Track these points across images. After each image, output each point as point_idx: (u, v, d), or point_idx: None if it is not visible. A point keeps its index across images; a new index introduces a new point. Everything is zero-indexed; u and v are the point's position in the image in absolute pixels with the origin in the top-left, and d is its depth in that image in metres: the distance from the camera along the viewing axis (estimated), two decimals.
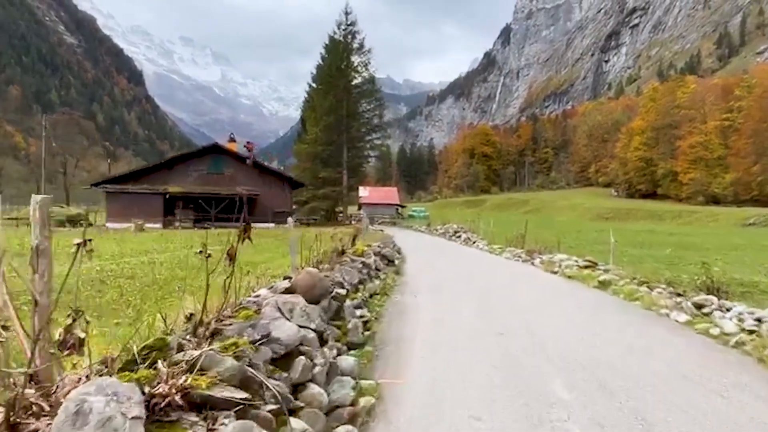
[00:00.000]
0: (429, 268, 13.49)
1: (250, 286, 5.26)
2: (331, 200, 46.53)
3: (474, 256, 18.27)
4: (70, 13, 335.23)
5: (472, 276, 11.97)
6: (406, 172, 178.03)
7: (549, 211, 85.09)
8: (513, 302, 8.40)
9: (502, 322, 6.74)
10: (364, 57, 47.57)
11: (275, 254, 12.87)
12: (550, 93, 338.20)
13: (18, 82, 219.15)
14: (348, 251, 9.39)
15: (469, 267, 13.97)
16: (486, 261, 16.23)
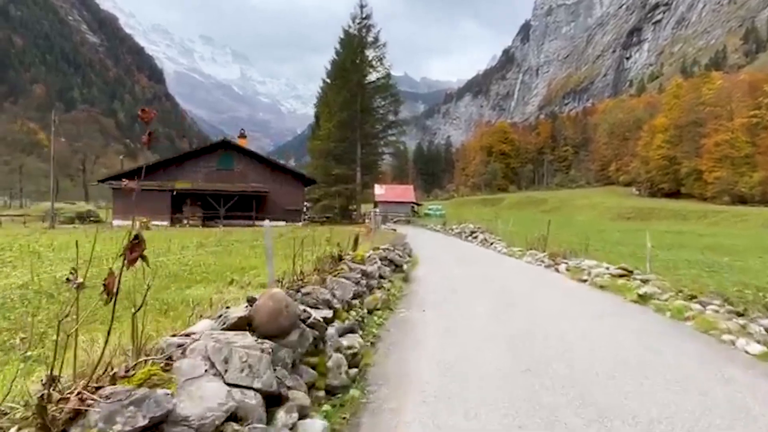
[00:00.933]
0: (442, 275, 12.19)
1: (195, 315, 4.06)
2: (345, 198, 45.41)
3: (492, 259, 16.90)
4: (92, 13, 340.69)
5: (491, 285, 10.62)
6: (422, 170, 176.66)
7: (568, 210, 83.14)
8: (541, 322, 7.06)
9: (529, 353, 5.43)
10: (379, 51, 46.37)
11: (275, 257, 11.72)
12: (570, 90, 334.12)
13: (42, 81, 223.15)
14: (346, 258, 8.14)
15: (486, 273, 12.62)
16: (505, 266, 14.83)
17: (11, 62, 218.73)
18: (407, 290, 9.65)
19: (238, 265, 10.33)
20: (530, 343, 5.81)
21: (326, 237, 8.27)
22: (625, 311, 7.90)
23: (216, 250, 13.90)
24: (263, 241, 14.70)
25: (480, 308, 7.91)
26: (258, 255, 12.40)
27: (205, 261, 10.97)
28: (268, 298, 3.68)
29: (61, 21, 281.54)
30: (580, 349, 5.58)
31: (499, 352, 5.46)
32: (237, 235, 21.60)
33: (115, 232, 23.09)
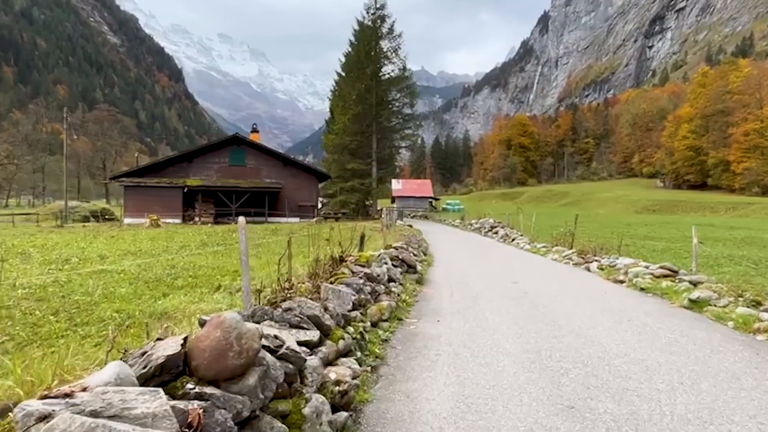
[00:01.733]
0: (460, 276, 11.05)
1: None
2: (360, 193, 44.32)
3: (514, 257, 15.66)
4: (113, 14, 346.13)
5: (514, 288, 9.45)
6: (440, 164, 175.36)
7: (590, 204, 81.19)
8: (580, 339, 5.91)
9: (570, 386, 4.29)
10: (394, 42, 45.02)
11: (274, 258, 10.74)
12: (590, 81, 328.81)
13: (65, 82, 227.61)
14: (349, 260, 7.08)
15: (509, 274, 11.43)
16: (530, 264, 13.59)
17: (35, 64, 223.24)
18: (420, 295, 8.55)
19: (234, 266, 9.38)
20: (569, 370, 4.66)
21: (326, 236, 7.21)
22: (678, 322, 6.66)
23: (217, 249, 12.97)
24: (270, 239, 13.69)
25: (504, 319, 6.76)
26: (260, 254, 11.47)
27: (200, 262, 10.03)
28: (213, 327, 2.63)
29: (83, 23, 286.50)
30: (616, 360, 4.45)
31: (529, 380, 4.34)
32: (253, 231, 20.75)
33: (119, 230, 22.46)
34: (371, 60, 43.94)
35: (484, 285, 9.70)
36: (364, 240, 9.29)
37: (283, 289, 4.69)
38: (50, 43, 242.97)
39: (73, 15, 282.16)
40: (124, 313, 5.30)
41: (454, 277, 10.72)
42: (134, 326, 4.76)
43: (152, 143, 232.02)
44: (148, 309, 5.53)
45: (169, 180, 31.53)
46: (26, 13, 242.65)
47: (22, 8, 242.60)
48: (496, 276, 10.99)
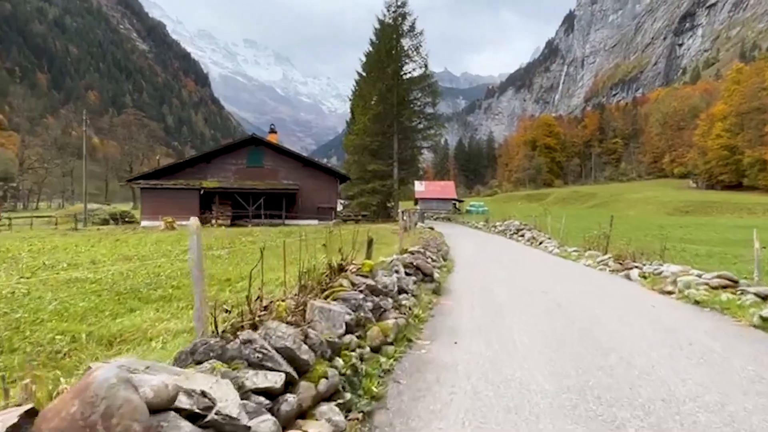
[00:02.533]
0: (482, 284, 9.90)
1: None
2: (381, 195, 43.29)
3: (543, 262, 14.39)
4: (142, 21, 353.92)
5: (546, 300, 8.27)
6: (464, 166, 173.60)
7: (619, 205, 78.57)
8: (629, 363, 4.75)
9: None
10: (416, 40, 43.91)
11: (279, 263, 9.75)
12: (618, 81, 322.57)
13: (96, 87, 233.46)
14: (350, 269, 6.04)
15: (539, 282, 10.23)
16: (561, 271, 12.30)
17: (67, 70, 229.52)
18: (437, 308, 7.44)
19: (228, 274, 8.47)
20: (626, 422, 3.51)
21: (323, 241, 6.18)
22: (761, 351, 5.39)
23: (220, 254, 12.10)
24: (279, 241, 12.69)
25: (534, 340, 5.62)
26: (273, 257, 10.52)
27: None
28: (72, 395, 1.62)
29: (113, 30, 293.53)
30: (683, 403, 3.30)
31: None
32: (258, 235, 19.92)
33: (133, 233, 21.94)
34: (392, 59, 42.93)
35: (510, 295, 8.54)
36: (372, 245, 8.23)
37: (251, 311, 3.67)
38: (82, 50, 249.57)
39: (104, 22, 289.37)
40: (68, 336, 4.37)
41: (476, 286, 9.58)
42: (73, 353, 3.80)
43: (179, 147, 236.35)
44: (100, 330, 4.59)
45: (185, 182, 31.08)
46: (59, 21, 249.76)
47: (56, 17, 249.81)
48: (524, 284, 9.80)
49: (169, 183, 30.63)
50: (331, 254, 6.28)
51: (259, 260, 4.02)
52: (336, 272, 5.79)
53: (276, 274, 6.62)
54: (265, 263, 9.41)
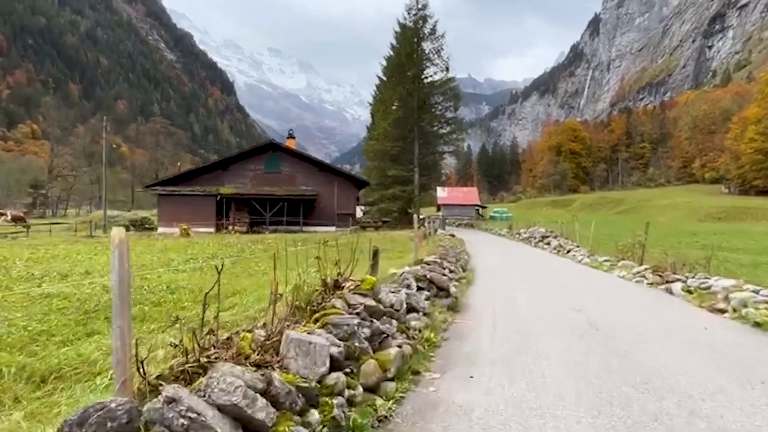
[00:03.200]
0: (506, 298, 8.91)
1: None
2: (402, 201, 42.35)
3: (572, 273, 13.21)
4: (170, 32, 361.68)
5: (579, 318, 7.24)
6: (487, 172, 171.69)
7: (648, 211, 75.87)
8: (692, 412, 3.74)
9: None
10: (437, 43, 43.01)
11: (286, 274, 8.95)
12: (645, 84, 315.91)
13: (125, 97, 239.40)
14: (347, 285, 5.14)
15: (569, 295, 9.17)
16: (593, 283, 11.13)
17: (98, 81, 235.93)
18: (452, 330, 6.49)
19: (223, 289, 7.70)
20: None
21: (317, 253, 5.30)
22: None
23: (223, 263, 11.33)
24: (293, 248, 11.92)
25: (569, 374, 4.62)
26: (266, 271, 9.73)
27: (183, 281, 8.36)
28: None
29: (142, 41, 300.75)
30: None
31: None
32: (270, 242, 19.22)
33: (147, 239, 21.51)
34: (413, 62, 42.13)
35: (538, 313, 7.53)
36: (378, 257, 7.30)
37: (200, 347, 2.81)
38: (112, 60, 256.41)
39: (134, 34, 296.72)
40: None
41: (498, 301, 8.57)
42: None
43: (205, 154, 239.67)
44: (39, 363, 3.80)
45: (202, 188, 30.74)
46: (91, 34, 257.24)
47: (88, 29, 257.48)
48: (553, 299, 8.76)
49: (186, 189, 30.36)
50: (328, 268, 5.42)
51: (216, 282, 3.17)
52: (331, 290, 4.92)
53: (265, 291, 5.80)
54: (263, 277, 8.59)
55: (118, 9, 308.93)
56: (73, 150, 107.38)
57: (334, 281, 5.04)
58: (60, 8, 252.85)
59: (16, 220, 41.89)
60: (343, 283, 5.07)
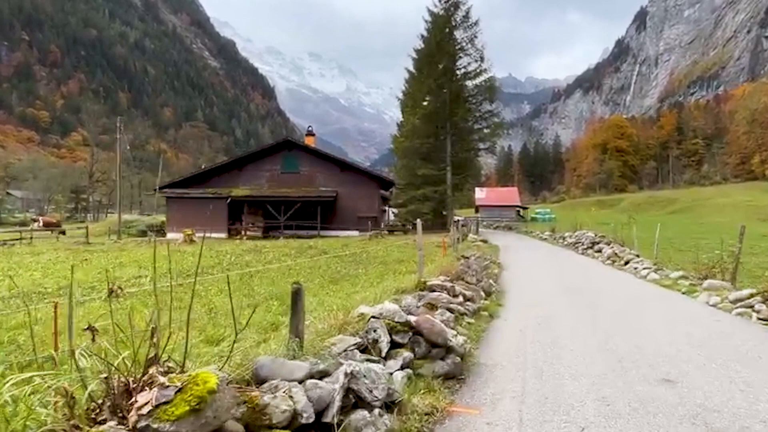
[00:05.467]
0: (544, 352, 5.77)
1: None
2: (433, 202, 39.09)
3: (640, 298, 9.51)
4: (213, 40, 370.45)
5: (673, 401, 4.10)
6: (529, 171, 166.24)
7: (703, 211, 69.91)
8: None
9: None
10: (470, 32, 39.49)
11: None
12: (696, 78, 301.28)
13: (171, 104, 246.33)
14: (144, 400, 2.27)
15: (645, 346, 5.89)
16: (678, 321, 7.48)
17: (145, 89, 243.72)
18: (470, 379, 3.58)
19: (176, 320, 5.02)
20: None
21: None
22: None
23: (205, 278, 8.71)
24: (300, 260, 9.24)
25: None
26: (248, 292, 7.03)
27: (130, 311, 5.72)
28: None
29: (187, 50, 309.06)
30: None
31: None
32: (269, 251, 16.58)
33: (147, 246, 19.34)
34: (444, 52, 38.85)
35: (601, 390, 4.41)
36: (301, 304, 4.24)
37: None
38: (158, 69, 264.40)
39: (179, 43, 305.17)
40: None
41: (532, 358, 5.46)
42: None
43: None
44: None
45: (213, 190, 28.58)
46: (139, 44, 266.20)
47: (136, 40, 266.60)
48: (620, 351, 5.56)
49: (195, 192, 28.30)
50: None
51: None
52: (115, 406, 2.06)
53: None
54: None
55: (164, 19, 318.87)
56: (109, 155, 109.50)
57: (123, 385, 2.15)
58: (110, 20, 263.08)
59: (48, 225, 41.10)
60: (143, 388, 2.17)
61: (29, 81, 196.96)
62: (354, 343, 4.20)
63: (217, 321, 6.05)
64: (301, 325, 3.57)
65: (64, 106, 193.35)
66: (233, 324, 2.86)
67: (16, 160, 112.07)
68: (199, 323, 5.87)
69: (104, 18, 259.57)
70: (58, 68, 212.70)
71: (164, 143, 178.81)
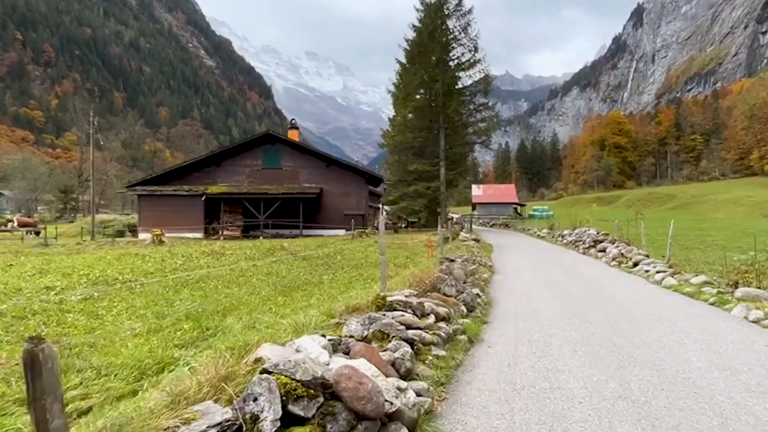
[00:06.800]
0: (546, 383, 4.04)
1: None
2: (425, 198, 37.23)
3: (661, 310, 7.86)
4: (209, 39, 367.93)
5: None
6: (526, 169, 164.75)
7: (702, 207, 68.36)
8: None
9: None
10: (463, 20, 37.59)
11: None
12: (693, 74, 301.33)
13: (167, 104, 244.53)
14: None
15: (685, 392, 4.20)
16: (718, 349, 5.59)
17: (141, 89, 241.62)
18: None
19: None
20: None
21: None
22: None
23: (141, 284, 6.94)
24: (262, 263, 7.84)
25: None
26: (165, 308, 5.22)
27: None
28: None
29: (182, 48, 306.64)
30: None
31: None
32: (230, 254, 14.77)
33: (110, 248, 17.54)
34: (437, 42, 36.97)
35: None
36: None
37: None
38: (154, 68, 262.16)
39: (174, 42, 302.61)
40: None
41: (521, 410, 3.71)
42: None
43: None
44: None
45: (188, 187, 26.70)
46: (134, 43, 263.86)
47: (131, 39, 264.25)
48: (661, 416, 3.79)
49: (168, 189, 26.42)
50: None
51: None
52: None
53: None
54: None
55: (160, 18, 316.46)
56: (106, 155, 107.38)
57: None
58: (105, 19, 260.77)
59: (24, 225, 39.58)
60: None
61: (23, 80, 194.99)
62: (216, 423, 2.44)
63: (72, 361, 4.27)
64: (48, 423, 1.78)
65: (59, 105, 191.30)
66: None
67: (10, 160, 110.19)
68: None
69: (99, 17, 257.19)
70: (52, 67, 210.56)
71: (159, 142, 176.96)
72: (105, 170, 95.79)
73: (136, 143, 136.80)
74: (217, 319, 5.87)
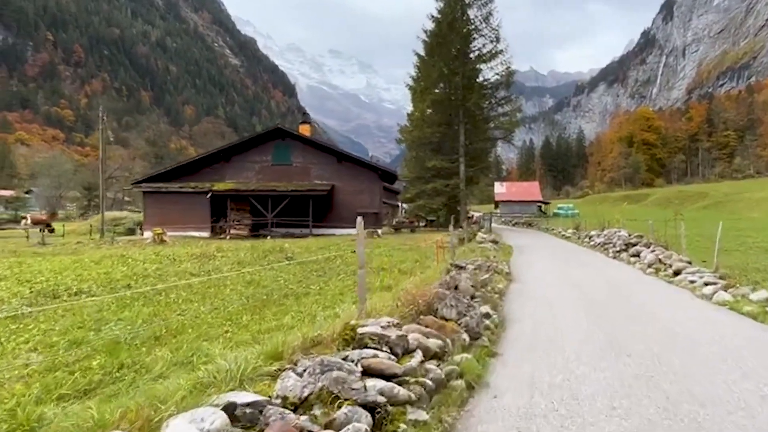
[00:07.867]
0: None
1: None
2: (444, 196, 35.62)
3: (717, 342, 6.10)
4: (234, 38, 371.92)
5: None
6: (552, 165, 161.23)
7: (737, 206, 64.92)
8: None
9: None
10: (485, 9, 35.83)
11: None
12: (726, 69, 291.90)
13: (192, 102, 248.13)
14: None
15: None
16: None
17: (167, 88, 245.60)
18: None
19: None
20: None
21: None
22: None
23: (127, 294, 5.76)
24: (247, 270, 8.59)
25: None
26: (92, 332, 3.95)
27: None
28: None
29: (208, 48, 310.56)
30: None
31: None
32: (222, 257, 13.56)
33: (108, 248, 16.59)
34: (457, 33, 35.27)
35: None
36: None
37: None
38: (180, 68, 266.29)
39: (200, 41, 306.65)
40: None
41: None
42: None
43: None
44: None
45: (194, 184, 25.71)
46: (161, 42, 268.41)
47: (158, 39, 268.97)
48: None
49: (173, 186, 25.51)
50: None
51: None
52: None
53: None
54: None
55: (186, 18, 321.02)
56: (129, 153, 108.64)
57: None
58: (133, 19, 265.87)
59: (37, 223, 39.67)
60: None
61: (54, 80, 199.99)
62: None
63: None
64: None
65: (88, 104, 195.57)
66: None
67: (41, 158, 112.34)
68: None
69: (126, 17, 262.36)
70: (81, 67, 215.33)
71: (184, 140, 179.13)
72: (130, 167, 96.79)
73: (161, 141, 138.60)
74: (146, 349, 4.64)
